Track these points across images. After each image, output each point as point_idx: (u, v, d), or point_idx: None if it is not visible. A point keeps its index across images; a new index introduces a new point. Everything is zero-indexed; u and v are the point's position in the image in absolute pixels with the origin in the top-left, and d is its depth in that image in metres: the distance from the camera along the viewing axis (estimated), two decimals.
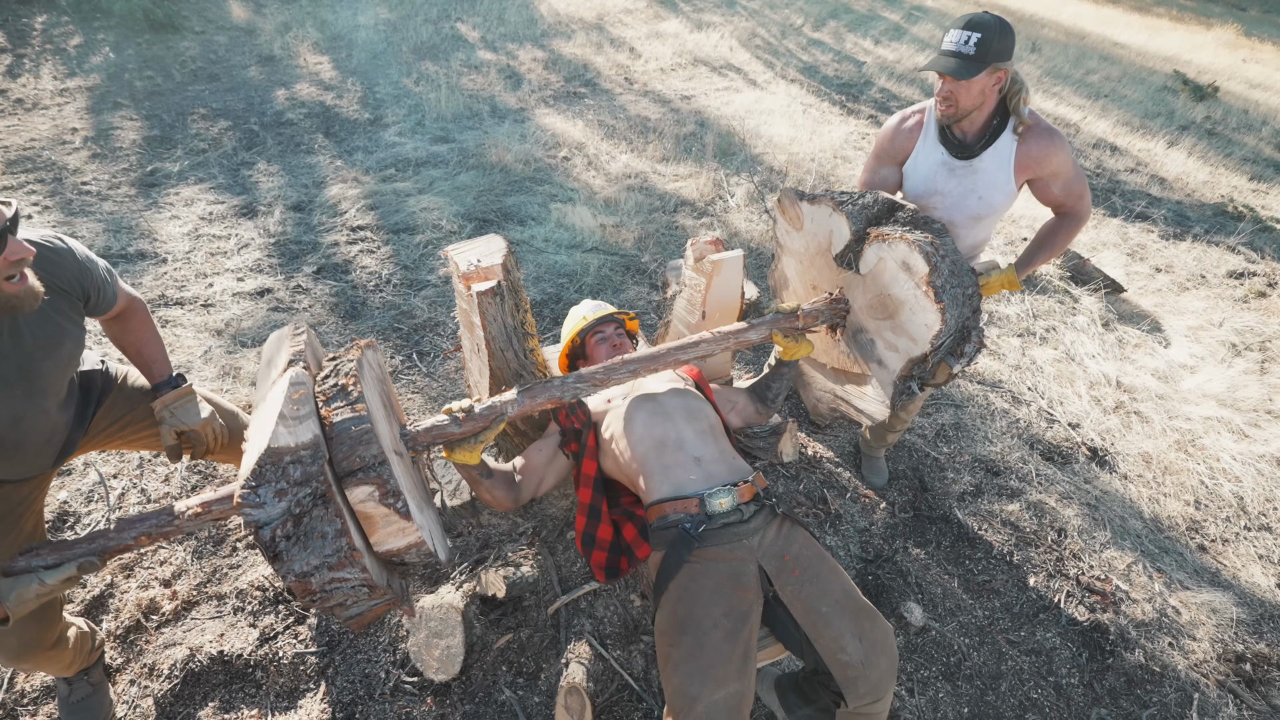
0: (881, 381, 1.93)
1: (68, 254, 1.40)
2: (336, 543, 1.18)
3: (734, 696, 1.33)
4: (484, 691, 1.93)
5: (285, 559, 1.16)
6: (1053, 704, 2.05)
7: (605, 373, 1.74)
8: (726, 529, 1.54)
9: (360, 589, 1.24)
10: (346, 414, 1.29)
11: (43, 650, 1.59)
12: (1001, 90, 1.86)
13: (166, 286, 3.57)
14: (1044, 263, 2.11)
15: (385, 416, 1.47)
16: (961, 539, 2.54)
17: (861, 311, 1.94)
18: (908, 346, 1.80)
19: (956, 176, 1.99)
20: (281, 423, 1.21)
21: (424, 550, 1.34)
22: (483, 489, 1.71)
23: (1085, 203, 2.01)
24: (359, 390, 1.33)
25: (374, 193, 4.62)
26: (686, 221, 4.52)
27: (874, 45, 8.99)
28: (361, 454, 1.26)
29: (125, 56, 6.81)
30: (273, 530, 1.16)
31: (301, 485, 1.18)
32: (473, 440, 1.57)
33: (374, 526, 1.27)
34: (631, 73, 7.31)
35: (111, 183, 4.57)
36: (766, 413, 2.09)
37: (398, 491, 1.26)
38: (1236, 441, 3.13)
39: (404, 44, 7.63)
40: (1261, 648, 2.26)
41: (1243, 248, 4.90)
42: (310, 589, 1.19)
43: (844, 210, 1.88)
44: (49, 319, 1.36)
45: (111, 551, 1.29)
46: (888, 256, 1.78)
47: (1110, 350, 3.68)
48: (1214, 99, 8.14)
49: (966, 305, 1.75)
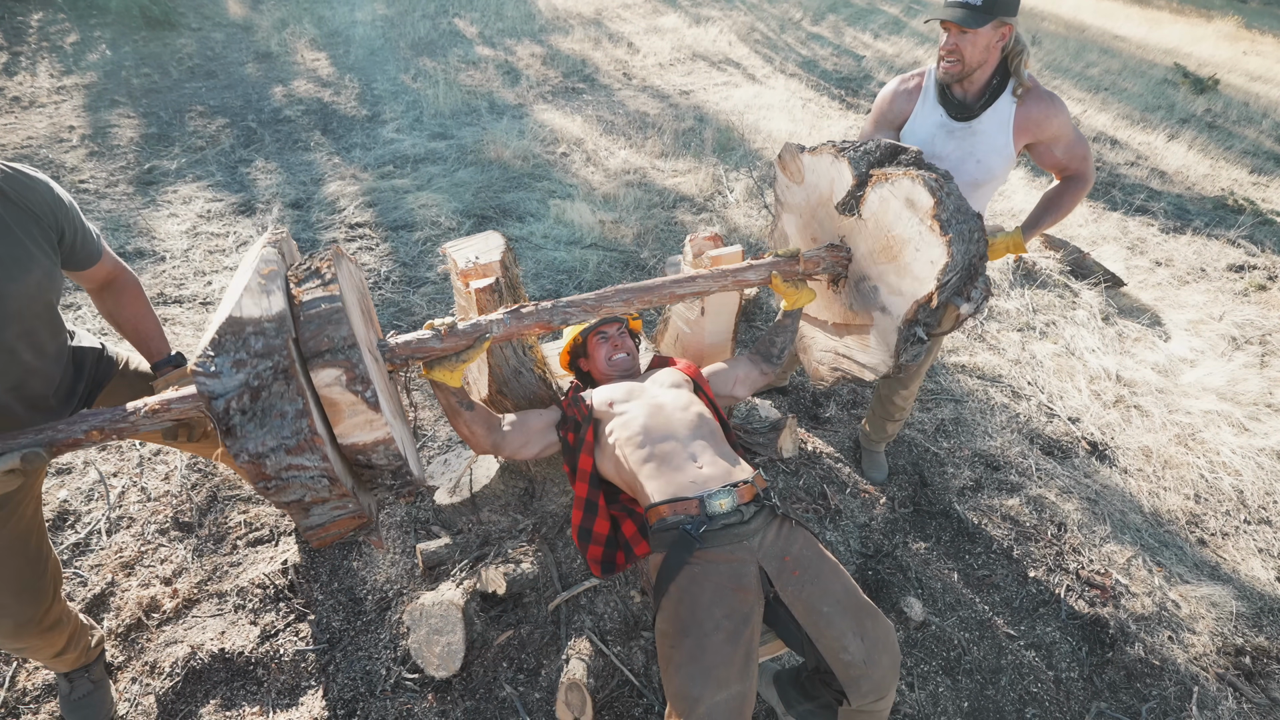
0: (885, 330, 1.88)
1: (41, 183, 1.33)
2: (296, 424, 1.09)
3: (736, 698, 1.33)
4: (485, 688, 1.94)
5: (239, 435, 1.07)
6: (1052, 698, 2.06)
7: (598, 299, 1.68)
8: (727, 530, 1.53)
9: (320, 480, 1.15)
10: (318, 293, 1.21)
11: (40, 630, 1.59)
12: (1005, 48, 1.85)
13: (165, 284, 3.57)
14: (1050, 226, 2.09)
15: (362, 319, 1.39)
16: (961, 534, 2.54)
17: (864, 259, 1.89)
18: (912, 288, 1.75)
19: (955, 139, 1.97)
20: (247, 294, 1.13)
21: (393, 450, 1.25)
22: (461, 420, 1.66)
23: (1089, 164, 1.99)
24: (333, 273, 1.25)
25: (372, 190, 4.61)
26: (685, 217, 4.51)
27: (873, 39, 8.96)
28: (331, 334, 1.17)
29: (122, 54, 6.79)
30: (227, 402, 1.07)
31: (263, 358, 1.10)
32: (454, 359, 1.52)
33: (339, 414, 1.18)
34: (630, 68, 7.28)
35: (109, 181, 4.56)
36: (772, 371, 2.06)
37: (367, 379, 1.17)
38: (1236, 435, 3.13)
39: (401, 40, 7.60)
40: (1261, 641, 2.26)
41: (1243, 241, 4.89)
42: (265, 473, 1.11)
43: (845, 156, 1.84)
44: (15, 239, 1.27)
45: (60, 444, 1.22)
46: (891, 195, 1.74)
47: (1110, 344, 3.68)
48: (1214, 92, 8.11)
49: (973, 244, 1.70)
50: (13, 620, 1.53)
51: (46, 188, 1.34)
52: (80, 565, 2.20)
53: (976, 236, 1.71)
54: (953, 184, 1.71)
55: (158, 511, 2.39)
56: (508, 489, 2.39)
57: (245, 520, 2.37)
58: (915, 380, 2.43)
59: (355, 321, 1.26)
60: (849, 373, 2.10)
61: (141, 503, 2.42)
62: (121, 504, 2.41)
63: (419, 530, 2.37)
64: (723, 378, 2.06)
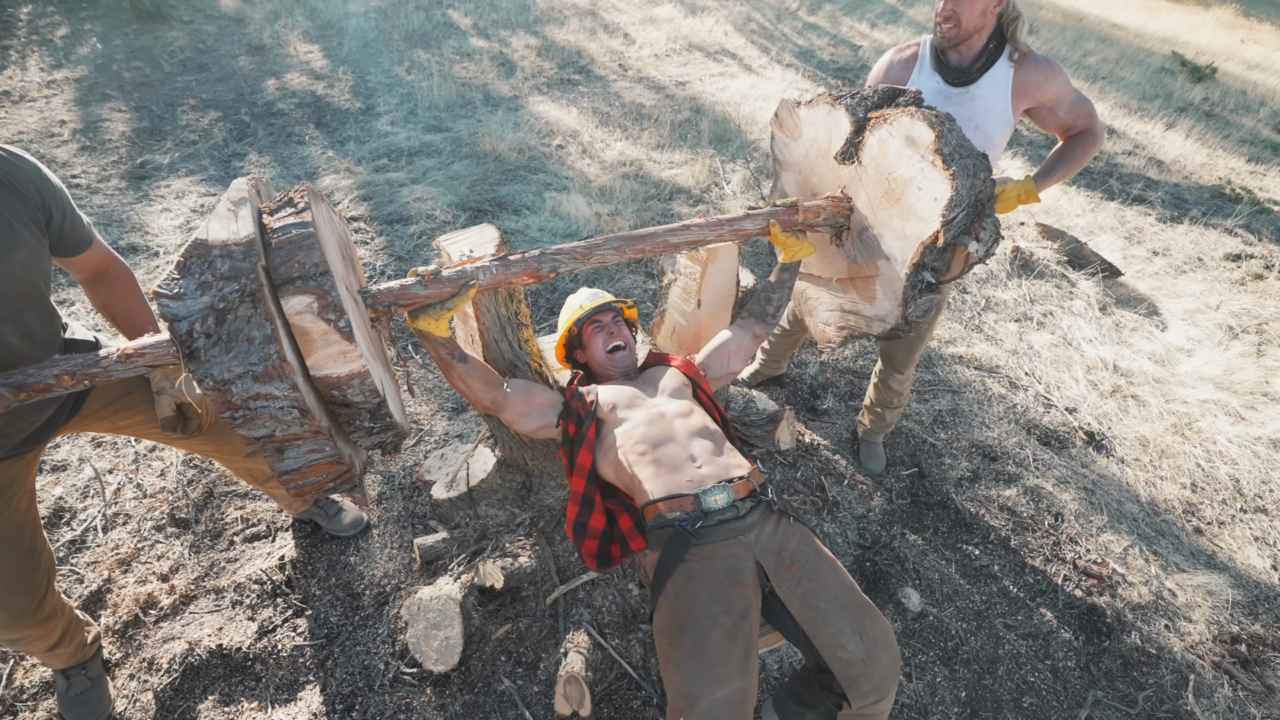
0: (891, 279, 1.81)
1: (30, 164, 1.31)
2: (264, 349, 1.05)
3: (736, 693, 1.32)
4: (483, 682, 1.94)
5: (203, 359, 1.03)
6: (1050, 687, 2.07)
7: (588, 247, 1.63)
8: (723, 526, 1.53)
9: (290, 411, 1.10)
10: (289, 220, 1.17)
11: (35, 622, 1.59)
12: (1001, 13, 1.84)
13: (159, 280, 3.54)
14: (1063, 178, 2.05)
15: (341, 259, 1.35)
16: (959, 524, 2.54)
17: (866, 207, 1.85)
18: (917, 229, 1.69)
19: (953, 105, 1.96)
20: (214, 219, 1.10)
21: (369, 385, 1.20)
22: (454, 374, 1.62)
23: (1095, 119, 1.97)
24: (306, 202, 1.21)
25: (367, 183, 4.58)
26: (682, 209, 4.49)
27: (870, 29, 8.91)
28: (302, 260, 1.12)
29: (113, 47, 6.73)
30: (190, 324, 1.03)
31: (229, 280, 1.06)
32: (439, 306, 1.47)
33: (311, 344, 1.13)
34: (626, 59, 7.24)
35: (101, 175, 4.52)
36: (765, 331, 2.01)
37: (339, 307, 1.13)
38: (1233, 424, 3.13)
39: (395, 32, 7.54)
40: (1257, 629, 2.27)
41: (1240, 230, 4.89)
42: (231, 401, 1.06)
43: (842, 103, 1.80)
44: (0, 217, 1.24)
45: (29, 388, 1.19)
46: (890, 134, 1.70)
47: (1107, 334, 3.68)
48: (1212, 80, 8.09)
49: (978, 179, 1.64)
50: (7, 612, 1.53)
51: (34, 168, 1.31)
52: (77, 562, 2.20)
53: (982, 174, 1.64)
54: (954, 123, 1.65)
55: (154, 508, 2.38)
56: (505, 483, 2.39)
57: (242, 516, 2.37)
58: (910, 363, 2.42)
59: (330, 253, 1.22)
60: (857, 329, 2.03)
61: (138, 499, 2.41)
62: (117, 501, 2.40)
63: (416, 525, 2.36)
64: (718, 357, 2.02)
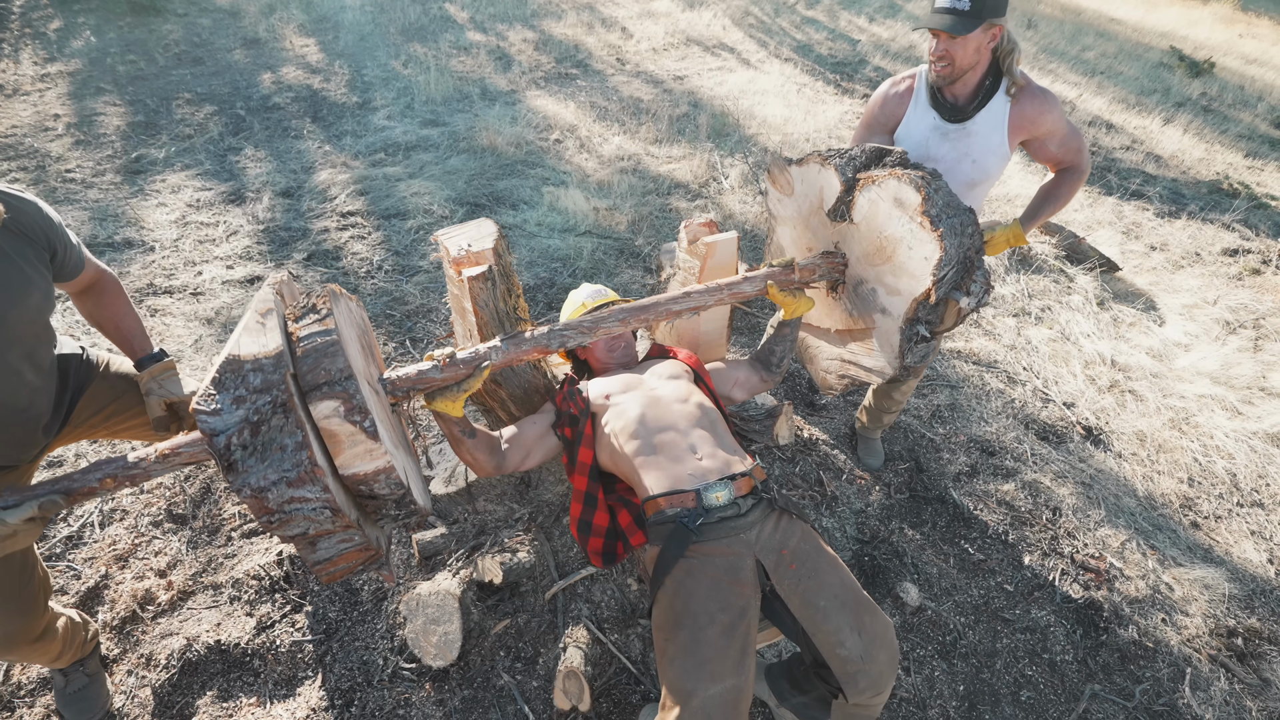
0: (887, 332, 1.89)
1: (32, 204, 1.35)
2: (296, 456, 1.11)
3: (731, 691, 1.32)
4: (482, 677, 1.94)
5: (240, 470, 1.09)
6: (1047, 680, 2.07)
7: (594, 321, 1.69)
8: (723, 523, 1.52)
9: (322, 511, 1.16)
10: (314, 328, 1.24)
11: (28, 643, 1.57)
12: (995, 49, 1.83)
13: (155, 275, 3.53)
14: (1049, 217, 2.09)
15: (361, 353, 1.42)
16: (957, 519, 2.55)
17: (860, 262, 1.90)
18: (910, 286, 1.76)
19: (950, 141, 1.96)
20: (245, 332, 1.17)
21: (394, 479, 1.26)
22: (464, 448, 1.67)
23: (1084, 156, 1.99)
24: (329, 308, 1.29)
25: (364, 178, 4.56)
26: (680, 204, 4.48)
27: (868, 23, 8.89)
28: (327, 367, 1.20)
29: (107, 40, 6.68)
30: (228, 438, 1.10)
31: (261, 393, 1.12)
32: (455, 389, 1.53)
33: (339, 445, 1.20)
34: (623, 53, 7.21)
35: (96, 170, 4.49)
36: (771, 379, 2.07)
37: (364, 409, 1.19)
38: (1230, 419, 3.14)
39: (391, 25, 7.49)
40: (1253, 622, 2.28)
41: (1237, 225, 4.89)
42: (267, 507, 1.12)
43: (831, 163, 1.86)
44: (13, 264, 1.30)
45: (76, 493, 1.24)
46: (879, 196, 1.75)
47: (1105, 329, 3.68)
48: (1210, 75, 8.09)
49: (966, 238, 1.71)
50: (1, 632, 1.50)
51: (36, 208, 1.37)
52: (73, 558, 2.19)
53: (969, 229, 1.72)
54: (941, 181, 1.71)
55: (151, 504, 2.37)
56: (503, 479, 2.38)
57: (239, 512, 2.36)
58: (914, 377, 2.42)
59: (352, 355, 1.29)
60: (856, 379, 2.10)
61: (134, 495, 2.40)
62: (114, 496, 2.39)
63: None
64: (721, 377, 2.05)
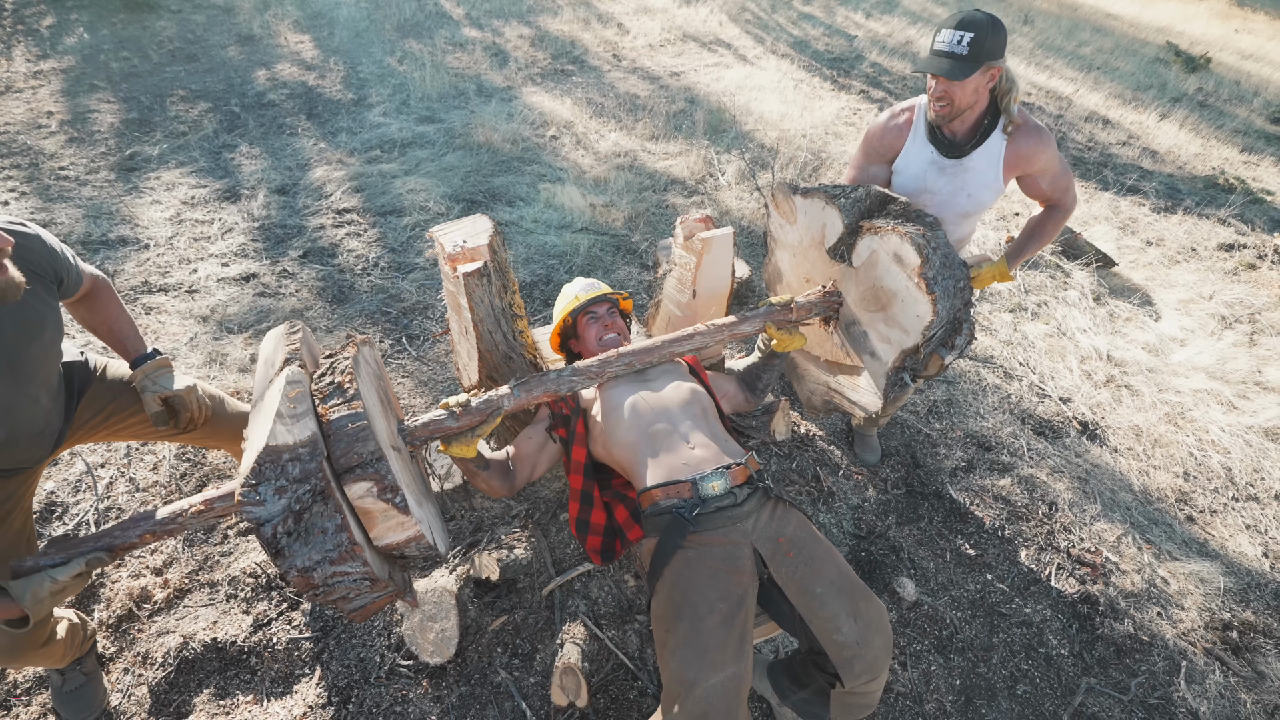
0: (874, 373, 1.95)
1: (35, 239, 1.39)
2: (337, 538, 1.20)
3: (731, 680, 1.33)
4: (479, 673, 1.94)
5: (287, 555, 1.18)
6: (1043, 674, 2.08)
7: (600, 365, 1.74)
8: (720, 513, 1.53)
9: (362, 582, 1.26)
10: (343, 411, 1.31)
11: (33, 650, 1.58)
12: (994, 89, 1.86)
13: (150, 273, 3.51)
14: (1034, 254, 2.17)
15: (383, 412, 1.49)
16: (953, 514, 2.55)
17: (854, 304, 1.95)
18: (900, 338, 1.81)
19: (946, 175, 1.99)
20: (279, 421, 1.23)
21: (424, 544, 1.36)
22: (479, 480, 1.70)
23: (1071, 195, 2.05)
24: (355, 387, 1.36)
25: (359, 174, 4.54)
26: (677, 200, 4.47)
27: (865, 19, 8.87)
28: (359, 451, 1.28)
29: (100, 37, 6.64)
30: (274, 527, 1.18)
31: (301, 482, 1.20)
32: (469, 434, 1.57)
33: (373, 521, 1.29)
34: (620, 49, 7.19)
35: (90, 167, 4.47)
36: (755, 401, 2.11)
37: (395, 487, 1.28)
38: (1225, 413, 3.15)
39: (387, 21, 7.46)
40: (1248, 616, 2.29)
41: (1233, 220, 4.90)
42: (313, 583, 1.22)
43: (837, 204, 1.88)
44: (28, 305, 1.35)
45: (119, 549, 1.32)
46: (880, 249, 1.78)
47: (1101, 324, 3.69)
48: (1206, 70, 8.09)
49: (958, 297, 1.77)
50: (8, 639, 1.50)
51: (40, 242, 1.40)
52: None
53: (962, 286, 1.78)
54: (939, 234, 1.74)
55: (146, 502, 2.37)
56: None
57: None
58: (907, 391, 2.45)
59: (379, 430, 1.36)
60: (840, 407, 2.17)
61: (130, 493, 2.39)
62: (109, 495, 2.39)
63: None
64: (714, 383, 2.05)
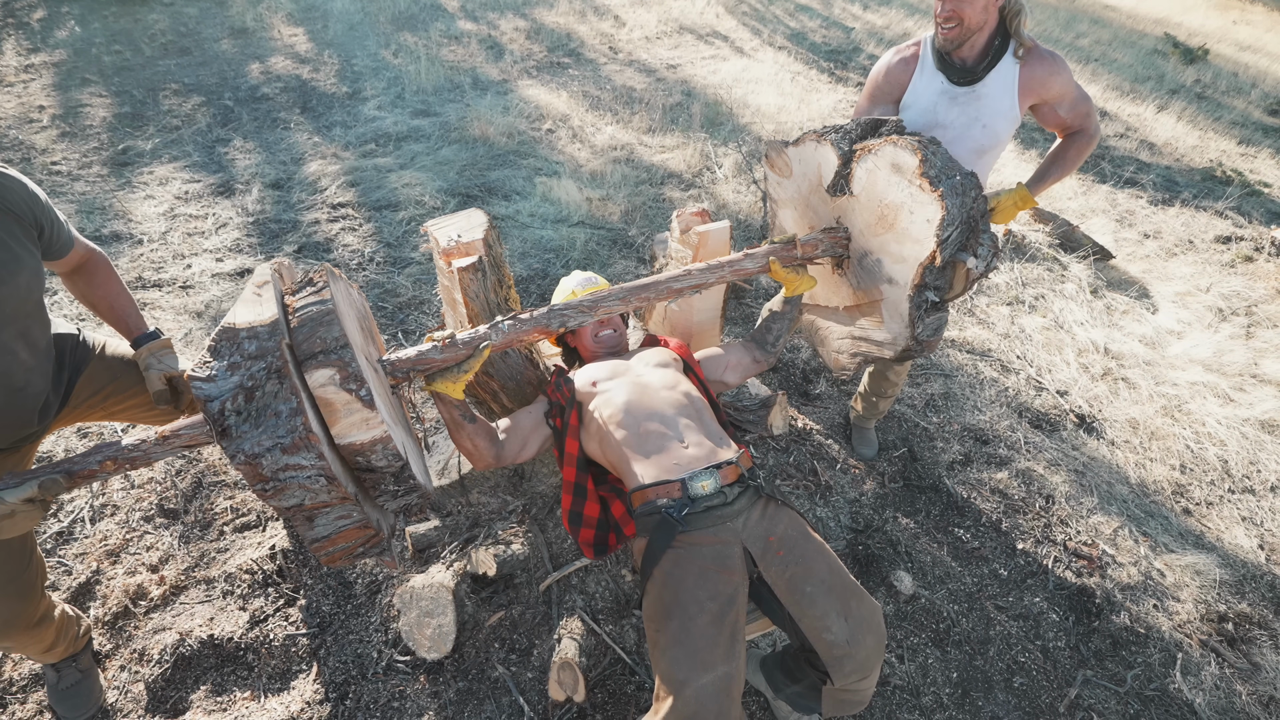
0: (896, 301, 1.88)
1: (15, 180, 1.35)
2: (290, 422, 1.11)
3: (723, 679, 1.32)
4: (477, 669, 1.94)
5: (234, 436, 1.10)
6: (1040, 667, 2.09)
7: (594, 301, 1.69)
8: (710, 512, 1.52)
9: (317, 479, 1.17)
10: (310, 299, 1.26)
11: (26, 628, 1.57)
12: (1002, 8, 1.81)
13: (143, 268, 3.49)
14: (1057, 180, 2.06)
15: (360, 333, 1.43)
16: (951, 507, 2.56)
17: (862, 235, 1.89)
18: (914, 252, 1.75)
19: (959, 105, 1.93)
20: (240, 304, 1.19)
21: (391, 449, 1.27)
22: (463, 434, 1.67)
23: (1094, 119, 1.97)
24: (325, 282, 1.31)
25: (354, 169, 4.52)
26: (674, 194, 4.46)
27: (862, 10, 8.83)
28: (323, 335, 1.21)
29: (92, 30, 6.58)
30: (222, 404, 1.11)
31: (256, 359, 1.13)
32: (455, 370, 1.53)
33: (335, 414, 1.20)
34: (616, 42, 7.15)
35: (82, 162, 4.44)
36: (766, 359, 2.05)
37: (360, 377, 1.20)
38: (1222, 406, 3.15)
39: (381, 14, 7.41)
40: (1244, 607, 2.30)
41: (1230, 212, 4.90)
42: (261, 474, 1.13)
43: (828, 139, 1.85)
44: (2, 243, 1.30)
45: (77, 475, 1.26)
46: (877, 165, 1.75)
47: (1098, 317, 3.69)
48: (1204, 62, 8.08)
49: (967, 197, 1.69)
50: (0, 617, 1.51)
51: (21, 185, 1.35)
52: (65, 554, 2.17)
53: (971, 191, 1.70)
54: (939, 145, 1.69)
55: (142, 499, 2.36)
56: (496, 470, 2.38)
57: (232, 506, 2.35)
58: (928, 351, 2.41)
59: (349, 327, 1.30)
60: (869, 354, 2.08)
61: (125, 490, 2.39)
62: (105, 491, 2.38)
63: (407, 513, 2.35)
64: (714, 363, 2.04)
